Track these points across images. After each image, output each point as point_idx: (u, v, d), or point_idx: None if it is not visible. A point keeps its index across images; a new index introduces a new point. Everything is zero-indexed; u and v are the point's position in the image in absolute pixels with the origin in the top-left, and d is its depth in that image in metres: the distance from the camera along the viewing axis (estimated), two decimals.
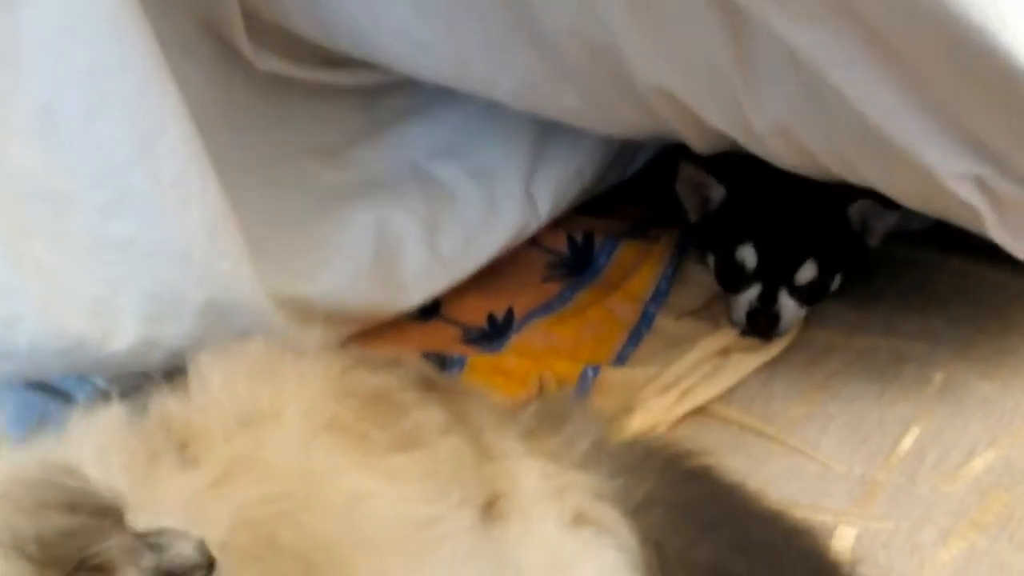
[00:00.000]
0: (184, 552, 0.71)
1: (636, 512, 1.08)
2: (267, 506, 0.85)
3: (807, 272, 1.52)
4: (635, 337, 1.58)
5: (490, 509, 1.02)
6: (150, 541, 0.72)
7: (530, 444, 1.14)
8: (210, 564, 0.72)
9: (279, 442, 0.92)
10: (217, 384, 0.99)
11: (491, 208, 1.68)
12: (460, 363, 1.48)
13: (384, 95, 1.67)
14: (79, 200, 1.18)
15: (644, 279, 1.69)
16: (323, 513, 0.87)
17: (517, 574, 0.96)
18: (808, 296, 1.53)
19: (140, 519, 0.76)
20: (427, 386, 1.12)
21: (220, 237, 1.23)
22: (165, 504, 0.83)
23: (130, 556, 0.69)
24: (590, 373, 1.45)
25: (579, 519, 1.07)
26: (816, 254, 1.52)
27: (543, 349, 1.53)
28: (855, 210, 1.52)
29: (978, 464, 1.30)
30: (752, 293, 1.53)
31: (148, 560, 0.70)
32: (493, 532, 0.99)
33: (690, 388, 1.43)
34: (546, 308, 1.65)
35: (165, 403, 0.98)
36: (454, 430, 1.05)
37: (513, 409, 1.22)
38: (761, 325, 1.52)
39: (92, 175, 1.17)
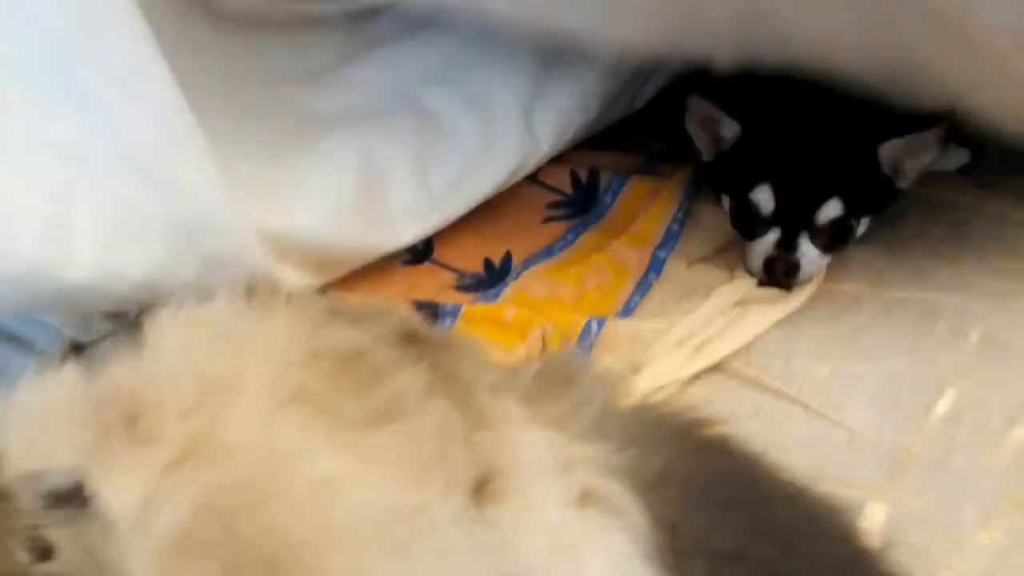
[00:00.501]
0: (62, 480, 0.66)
1: (648, 489, 0.99)
2: (227, 495, 0.76)
3: (830, 211, 1.41)
4: (643, 286, 1.48)
5: (483, 488, 0.93)
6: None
7: (531, 410, 1.05)
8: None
9: (240, 419, 0.83)
10: (173, 350, 0.90)
11: (487, 140, 1.58)
12: (454, 313, 1.38)
13: (371, 17, 1.56)
14: (19, 98, 1.10)
15: (653, 221, 1.59)
16: (288, 504, 0.78)
17: (513, 563, 0.87)
18: (831, 241, 1.43)
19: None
20: (410, 340, 1.02)
21: (177, 140, 1.14)
22: (121, 483, 0.75)
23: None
24: (594, 326, 1.35)
25: (585, 498, 0.97)
26: (840, 192, 1.41)
27: (544, 298, 1.43)
28: (888, 149, 1.41)
29: (1020, 432, 1.22)
30: (770, 239, 1.43)
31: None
32: (485, 516, 0.90)
33: (703, 343, 1.34)
34: (547, 252, 1.55)
35: (117, 370, 0.89)
36: (439, 393, 0.96)
37: (512, 367, 1.13)
38: (779, 274, 1.42)
39: (32, 67, 1.10)
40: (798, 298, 1.42)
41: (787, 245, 1.42)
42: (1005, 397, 1.26)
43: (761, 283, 1.44)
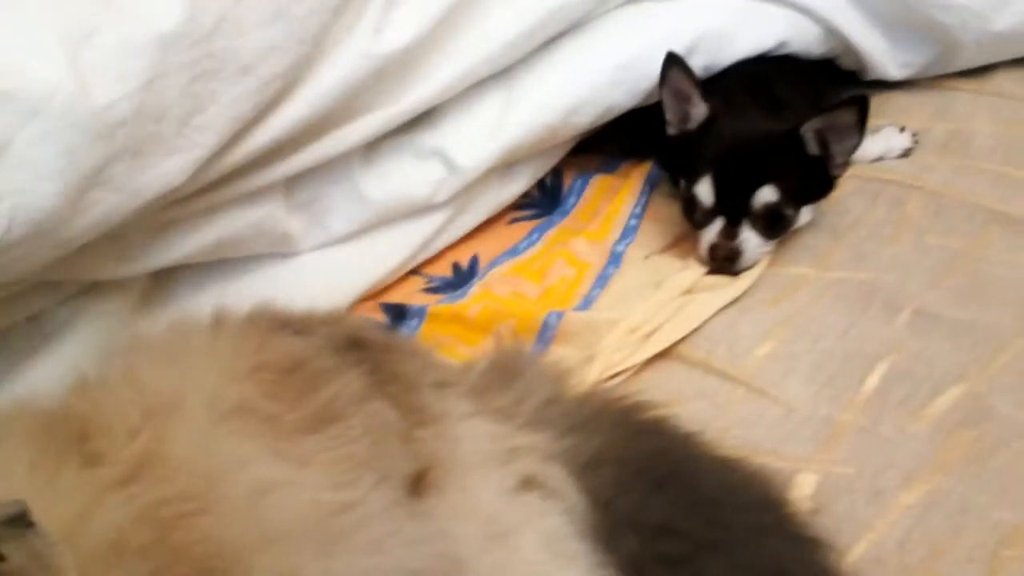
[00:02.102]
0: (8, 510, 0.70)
1: (585, 471, 1.03)
2: (164, 508, 0.80)
3: (764, 197, 1.44)
4: (602, 279, 1.50)
5: (420, 481, 0.96)
6: None
7: (477, 403, 1.08)
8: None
9: (183, 435, 0.86)
10: (120, 373, 0.94)
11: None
12: (420, 314, 1.42)
13: None
14: None
15: (613, 217, 1.62)
16: (222, 513, 0.81)
17: (448, 550, 0.90)
18: (770, 227, 1.46)
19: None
20: (353, 346, 1.05)
21: None
22: (62, 501, 0.80)
23: None
24: (553, 319, 1.38)
25: (526, 483, 1.01)
26: (772, 178, 1.44)
27: (507, 296, 1.46)
28: (809, 128, 1.44)
29: (944, 401, 1.23)
30: (715, 227, 1.46)
31: None
32: (422, 507, 0.93)
33: (654, 331, 1.36)
34: (512, 252, 1.58)
35: (69, 393, 0.93)
36: (377, 395, 0.99)
37: (461, 365, 1.16)
38: (721, 259, 1.45)
39: None
40: (743, 283, 1.44)
41: (729, 233, 1.45)
42: (933, 368, 1.27)
43: (710, 271, 1.47)
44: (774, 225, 1.45)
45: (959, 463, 1.15)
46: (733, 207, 1.44)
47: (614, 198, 1.65)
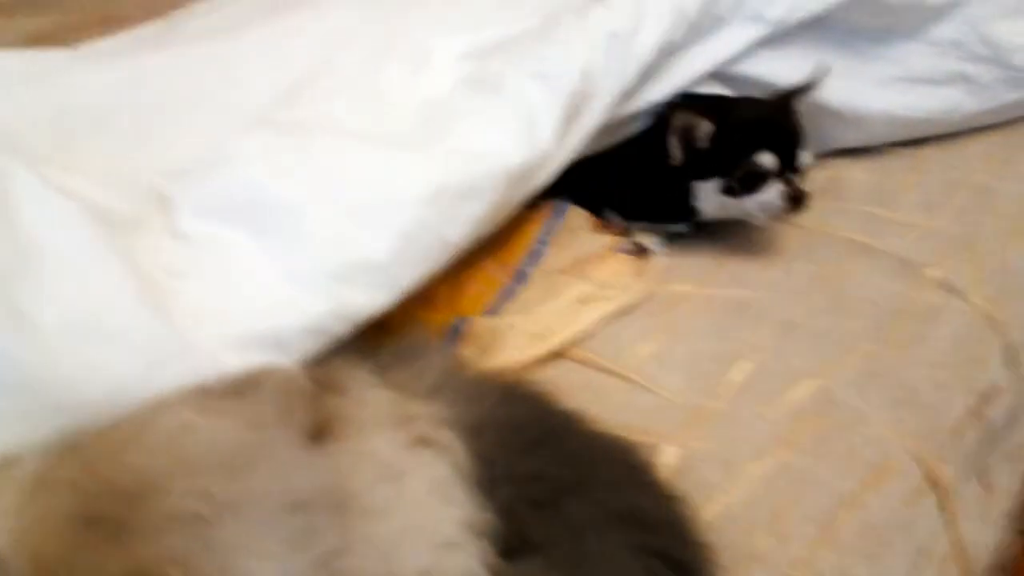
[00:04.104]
0: None
1: (470, 433, 1.14)
2: (92, 448, 0.93)
3: (805, 158, 1.66)
4: (508, 293, 1.63)
5: (324, 428, 1.08)
6: None
7: (381, 377, 1.20)
8: None
9: None
10: None
11: None
12: None
13: None
14: None
15: (522, 242, 1.74)
16: (149, 449, 0.96)
17: (341, 482, 1.02)
18: (801, 177, 1.67)
19: None
20: None
21: None
22: None
23: None
24: (460, 324, 1.51)
25: (419, 442, 1.12)
26: (806, 144, 1.67)
27: (419, 301, 1.57)
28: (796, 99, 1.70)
29: (799, 392, 1.37)
30: (775, 185, 1.63)
31: None
32: (324, 449, 1.06)
33: (548, 333, 1.49)
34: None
35: None
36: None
37: (371, 348, 1.29)
38: (802, 199, 1.63)
39: None
40: (629, 295, 1.58)
41: (792, 183, 1.64)
42: (790, 365, 1.42)
43: (784, 211, 1.65)
44: (802, 175, 1.67)
45: (806, 442, 1.29)
46: (788, 168, 1.64)
47: (523, 227, 1.77)
